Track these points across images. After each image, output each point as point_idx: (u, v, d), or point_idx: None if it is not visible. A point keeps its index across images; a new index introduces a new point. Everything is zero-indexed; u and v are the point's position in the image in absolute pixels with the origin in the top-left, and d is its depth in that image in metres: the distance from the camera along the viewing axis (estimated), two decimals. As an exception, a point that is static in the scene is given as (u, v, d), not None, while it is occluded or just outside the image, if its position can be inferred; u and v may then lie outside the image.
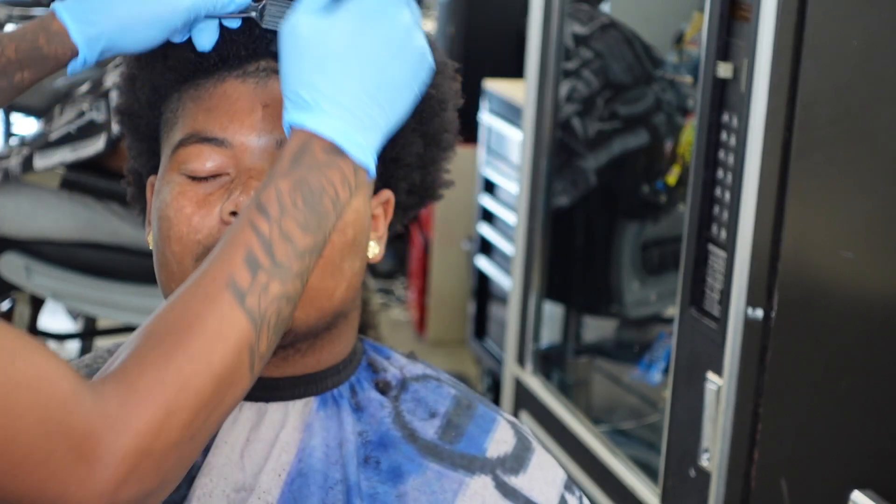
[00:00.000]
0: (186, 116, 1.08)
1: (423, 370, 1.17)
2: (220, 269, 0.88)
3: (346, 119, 0.94)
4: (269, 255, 0.89)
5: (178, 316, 0.87)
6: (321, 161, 0.93)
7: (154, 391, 0.83)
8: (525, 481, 1.12)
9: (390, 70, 0.96)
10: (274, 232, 0.89)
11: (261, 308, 0.88)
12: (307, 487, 1.06)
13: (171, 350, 0.84)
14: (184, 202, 1.05)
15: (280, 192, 0.91)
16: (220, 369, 0.85)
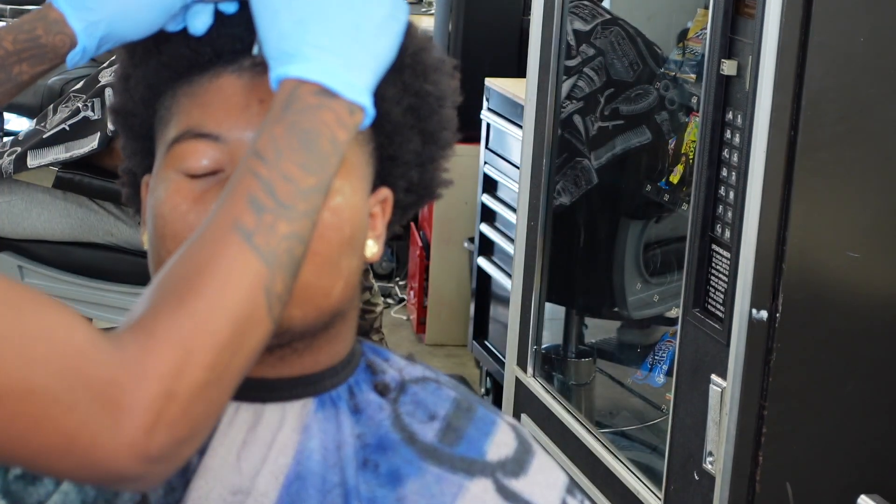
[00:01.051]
0: (181, 113, 1.07)
1: (422, 372, 1.16)
2: (224, 216, 0.88)
3: (330, 61, 0.94)
4: (272, 196, 0.89)
5: (187, 263, 0.87)
6: (312, 104, 0.93)
7: (170, 333, 0.82)
8: (526, 485, 1.11)
9: (367, 8, 0.97)
10: (273, 174, 0.89)
11: (270, 247, 0.88)
12: (305, 490, 1.06)
13: (184, 294, 0.84)
14: (179, 200, 1.05)
15: (274, 137, 0.91)
16: (235, 309, 0.85)
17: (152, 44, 1.09)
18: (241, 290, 0.86)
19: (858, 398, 1.98)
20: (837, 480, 1.99)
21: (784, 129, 1.88)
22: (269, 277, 0.87)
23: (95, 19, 1.02)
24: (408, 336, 4.44)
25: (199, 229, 0.89)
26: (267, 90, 1.04)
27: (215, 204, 0.91)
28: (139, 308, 0.86)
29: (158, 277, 0.88)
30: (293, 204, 0.89)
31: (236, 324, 0.85)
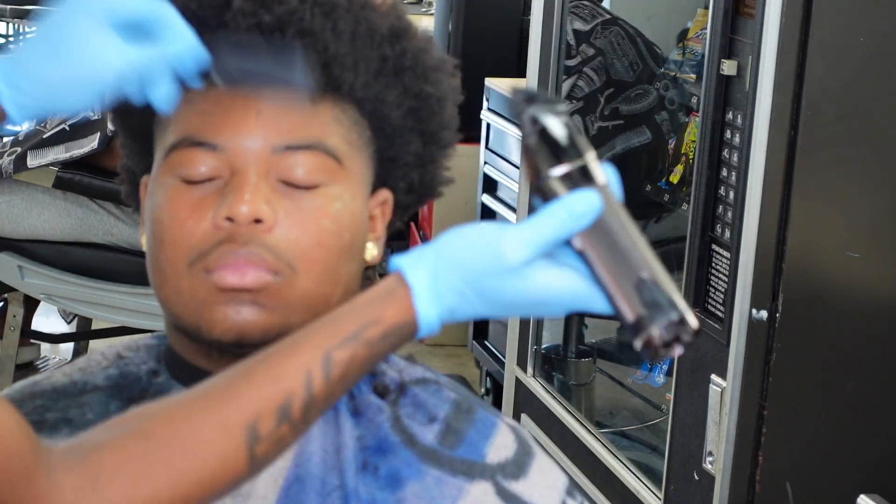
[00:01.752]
0: (179, 119, 1.07)
1: (422, 373, 1.16)
2: (250, 404, 0.87)
3: (447, 320, 0.92)
4: (304, 412, 0.88)
5: (185, 432, 0.85)
6: (401, 343, 0.92)
7: (118, 502, 0.81)
8: (526, 487, 1.11)
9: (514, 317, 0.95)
10: (321, 394, 0.89)
11: (265, 456, 0.88)
12: (304, 493, 1.06)
13: (160, 467, 0.83)
14: (177, 206, 1.05)
15: (354, 360, 0.89)
16: (196, 500, 0.85)
17: None
18: (214, 489, 0.85)
19: (858, 398, 1.98)
20: (837, 480, 1.98)
21: (784, 129, 1.88)
22: (246, 478, 0.87)
23: (25, 100, 0.97)
24: (408, 336, 4.44)
25: (221, 392, 0.87)
26: (264, 101, 1.05)
27: (263, 356, 0.89)
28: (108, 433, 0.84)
29: (150, 418, 0.86)
30: (312, 421, 0.90)
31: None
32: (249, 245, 1.02)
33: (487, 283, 0.90)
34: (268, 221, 1.02)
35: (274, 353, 0.90)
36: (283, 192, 1.04)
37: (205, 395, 0.87)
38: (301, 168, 1.05)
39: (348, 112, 1.09)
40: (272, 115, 1.05)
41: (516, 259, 0.89)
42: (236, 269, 1.02)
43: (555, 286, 0.90)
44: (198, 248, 1.03)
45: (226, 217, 1.02)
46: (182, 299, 1.05)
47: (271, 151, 1.04)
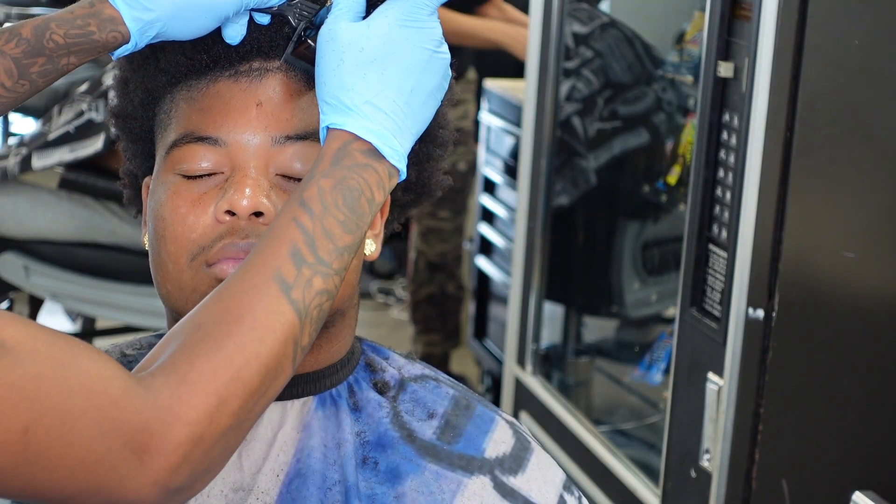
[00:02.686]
0: (180, 117, 1.08)
1: (421, 370, 1.17)
2: (266, 263, 0.91)
3: (383, 123, 0.97)
4: (313, 250, 0.92)
5: (225, 307, 0.89)
6: (360, 162, 0.96)
7: (206, 381, 0.85)
8: (524, 481, 1.12)
9: (422, 77, 0.99)
10: (317, 228, 0.93)
11: (305, 301, 0.91)
12: (306, 488, 1.07)
13: (222, 341, 0.87)
14: (179, 202, 1.06)
15: (322, 191, 0.94)
16: (268, 360, 0.88)
17: (149, 51, 1.10)
18: (276, 343, 0.89)
19: (854, 396, 1.98)
20: (833, 477, 1.99)
21: (780, 130, 1.88)
22: (300, 331, 0.91)
23: (151, 19, 1.03)
24: (408, 335, 4.44)
25: (240, 270, 0.91)
26: (264, 93, 1.06)
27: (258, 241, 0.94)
28: (172, 345, 0.88)
29: (194, 315, 0.90)
30: (330, 261, 0.93)
31: (267, 374, 0.88)
32: (250, 238, 1.03)
33: (355, 59, 0.98)
34: (268, 215, 1.03)
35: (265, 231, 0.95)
36: (282, 186, 1.06)
37: (226, 281, 0.91)
38: (300, 162, 1.06)
39: None
40: (272, 105, 1.06)
41: (345, 24, 0.99)
42: (237, 261, 1.03)
43: (383, 8, 1.00)
44: (199, 242, 1.04)
45: (226, 211, 1.03)
46: (184, 294, 1.06)
47: (272, 143, 1.05)
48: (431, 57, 1.00)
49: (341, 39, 0.98)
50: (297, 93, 1.07)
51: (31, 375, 0.79)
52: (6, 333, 0.80)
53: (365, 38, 0.98)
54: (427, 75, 0.99)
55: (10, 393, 0.78)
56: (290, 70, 1.07)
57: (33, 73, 1.02)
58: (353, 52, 0.98)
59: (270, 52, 1.07)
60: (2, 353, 0.78)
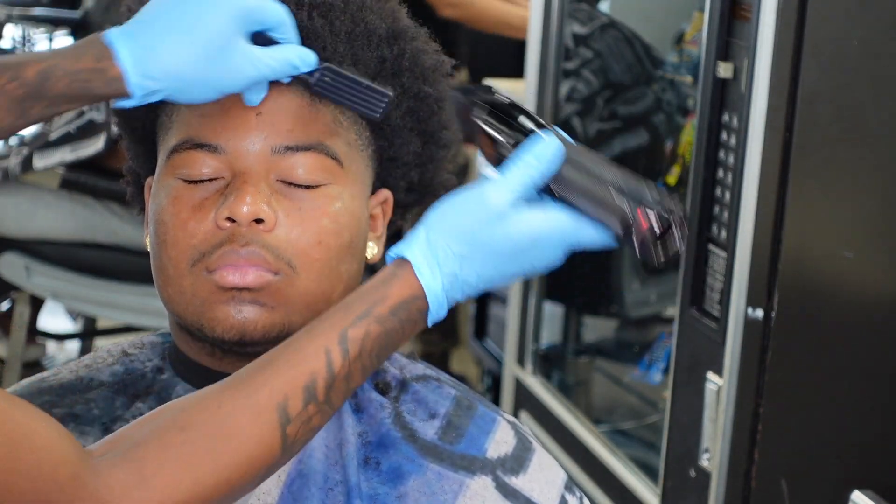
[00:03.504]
0: (181, 121, 1.08)
1: (422, 370, 1.17)
2: (278, 386, 0.90)
3: (453, 297, 0.96)
4: (327, 391, 0.91)
5: (219, 419, 0.88)
6: (413, 319, 0.95)
7: (166, 491, 0.84)
8: (525, 482, 1.12)
9: (505, 279, 0.98)
10: (342, 372, 0.92)
11: (296, 436, 0.91)
12: (307, 489, 1.07)
13: (200, 455, 0.86)
14: (179, 207, 1.06)
15: (367, 337, 0.93)
16: (237, 486, 0.88)
17: None
18: (252, 472, 0.88)
19: (853, 395, 1.98)
20: (832, 477, 1.99)
21: (779, 130, 1.88)
22: (279, 461, 0.90)
23: (155, 89, 1.00)
24: (408, 335, 4.44)
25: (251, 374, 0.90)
26: (265, 103, 1.06)
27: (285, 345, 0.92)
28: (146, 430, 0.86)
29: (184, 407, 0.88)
30: (337, 404, 0.93)
31: (229, 497, 0.88)
32: (250, 245, 1.03)
33: (480, 236, 0.95)
34: (268, 221, 1.04)
35: (293, 340, 0.93)
36: (283, 193, 1.06)
37: (233, 384, 0.90)
38: (301, 168, 1.06)
39: (347, 113, 1.09)
40: (272, 116, 1.06)
41: (501, 202, 0.95)
42: (237, 268, 1.03)
43: (542, 222, 0.96)
44: (200, 248, 1.04)
45: (227, 217, 1.03)
46: (184, 299, 1.06)
47: (271, 152, 1.05)
48: (532, 273, 0.99)
49: (488, 213, 0.96)
50: (298, 106, 1.07)
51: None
52: None
53: (505, 232, 0.96)
54: (525, 273, 0.98)
55: None
56: (293, 84, 1.07)
57: (33, 114, 1.01)
58: (485, 233, 0.95)
59: None
60: None
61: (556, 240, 0.97)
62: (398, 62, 1.11)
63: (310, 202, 1.06)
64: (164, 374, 1.13)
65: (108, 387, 1.12)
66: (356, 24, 1.09)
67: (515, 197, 0.96)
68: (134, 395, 1.12)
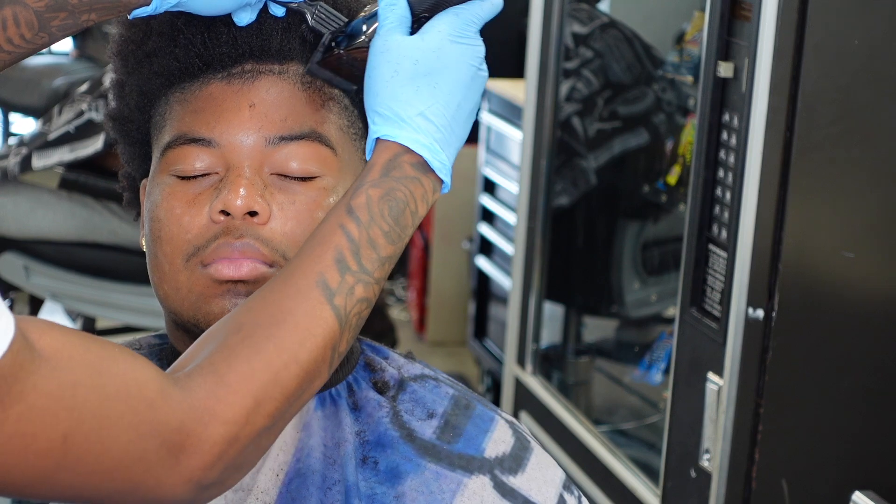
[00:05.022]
0: (174, 119, 1.09)
1: (421, 370, 1.17)
2: (310, 267, 0.93)
3: (434, 136, 0.99)
4: (357, 258, 0.94)
5: (268, 310, 0.90)
6: (409, 175, 0.98)
7: (244, 383, 0.86)
8: (523, 481, 1.12)
9: (468, 93, 1.02)
10: (362, 237, 0.95)
11: (346, 308, 0.92)
12: (305, 488, 1.07)
13: (262, 343, 0.88)
14: (174, 202, 1.06)
15: (370, 200, 0.96)
16: (307, 364, 0.90)
17: (143, 55, 1.10)
18: (316, 347, 0.90)
19: (853, 395, 1.98)
20: (832, 477, 1.99)
21: (780, 130, 1.88)
22: (339, 336, 0.92)
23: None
24: (409, 335, 4.45)
25: (284, 272, 0.93)
26: (257, 95, 1.07)
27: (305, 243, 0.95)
28: (211, 344, 0.89)
29: (235, 314, 0.91)
30: (372, 270, 0.95)
31: (305, 378, 0.90)
32: (244, 237, 1.04)
33: (405, 74, 0.99)
34: (262, 214, 1.04)
35: (311, 234, 0.97)
36: (277, 185, 1.06)
37: (270, 283, 0.93)
38: (295, 160, 1.06)
39: (338, 99, 1.10)
40: (265, 106, 1.06)
41: (398, 37, 1.00)
42: (232, 261, 1.04)
43: (433, 23, 1.02)
44: (194, 242, 1.05)
45: (221, 211, 1.04)
46: (180, 294, 1.06)
47: (265, 144, 1.06)
48: (476, 73, 1.02)
49: (396, 52, 0.99)
50: (291, 94, 1.07)
51: (69, 383, 0.80)
52: (43, 342, 0.79)
53: (419, 51, 0.99)
54: (472, 91, 1.02)
55: (49, 402, 0.79)
56: (284, 73, 1.08)
57: (54, 26, 1.03)
58: (408, 64, 0.99)
59: (262, 56, 1.08)
60: (40, 363, 0.78)
61: (459, 24, 1.02)
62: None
63: (304, 194, 1.06)
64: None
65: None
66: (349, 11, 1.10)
67: (404, 32, 1.01)
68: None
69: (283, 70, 1.08)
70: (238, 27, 1.07)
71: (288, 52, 1.08)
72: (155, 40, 1.09)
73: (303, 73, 1.08)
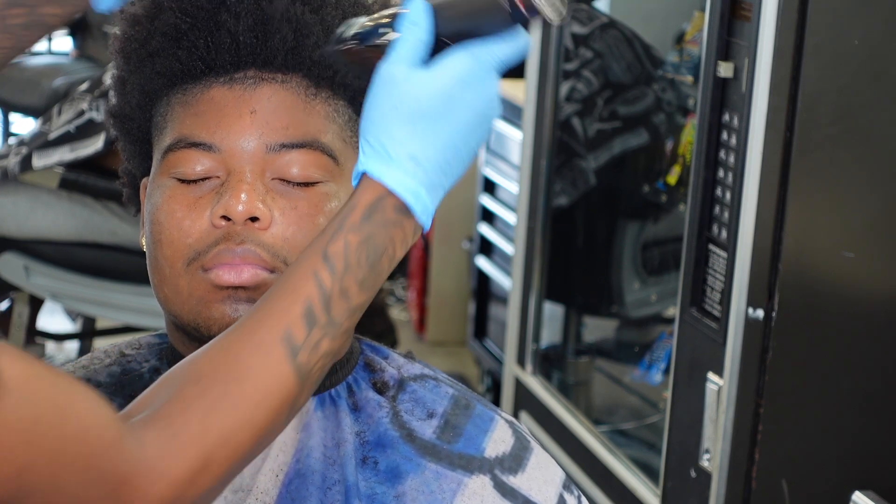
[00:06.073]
0: (175, 121, 1.08)
1: (420, 370, 1.17)
2: (278, 319, 0.90)
3: (421, 180, 0.94)
4: (327, 311, 0.91)
5: (228, 362, 0.88)
6: (391, 220, 0.93)
7: (194, 443, 0.85)
8: (523, 481, 1.12)
9: (470, 138, 0.96)
10: (335, 287, 0.91)
11: (309, 364, 0.90)
12: (305, 488, 1.06)
13: (218, 401, 0.86)
14: (174, 206, 1.06)
15: (348, 246, 0.92)
16: (262, 425, 0.88)
17: (146, 54, 1.10)
18: (273, 408, 0.88)
19: (853, 396, 1.98)
20: (832, 477, 1.99)
21: (780, 130, 1.89)
22: (299, 393, 0.90)
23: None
24: (409, 335, 4.45)
25: (250, 319, 0.90)
26: (258, 101, 1.06)
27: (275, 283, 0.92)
28: (166, 391, 0.87)
29: (195, 361, 0.89)
30: (340, 323, 0.91)
31: (258, 439, 0.88)
32: (245, 243, 1.03)
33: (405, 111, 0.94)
34: (264, 220, 1.03)
35: (282, 275, 0.94)
36: (278, 191, 1.05)
37: (236, 329, 0.90)
38: (296, 166, 1.05)
39: (342, 110, 1.10)
40: (267, 113, 1.06)
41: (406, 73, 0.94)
42: (232, 267, 1.03)
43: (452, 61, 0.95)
44: (195, 247, 1.04)
45: (222, 216, 1.03)
46: (180, 298, 1.06)
47: (266, 150, 1.05)
48: (482, 120, 0.96)
49: (400, 86, 0.94)
50: (293, 104, 1.07)
51: (31, 418, 0.79)
52: (11, 372, 0.79)
53: (424, 90, 0.93)
54: (475, 135, 0.96)
55: (9, 435, 0.78)
56: (287, 82, 1.07)
57: (15, 25, 1.00)
58: (410, 101, 0.93)
59: (265, 64, 1.07)
60: (3, 393, 0.78)
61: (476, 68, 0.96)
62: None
63: (305, 200, 1.06)
64: (161, 375, 1.13)
65: (105, 388, 1.12)
66: (347, 18, 1.09)
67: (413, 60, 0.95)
68: (131, 396, 1.10)
69: (286, 80, 1.07)
70: (242, 34, 1.07)
71: (292, 65, 1.08)
72: (158, 40, 1.09)
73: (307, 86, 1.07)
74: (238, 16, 1.07)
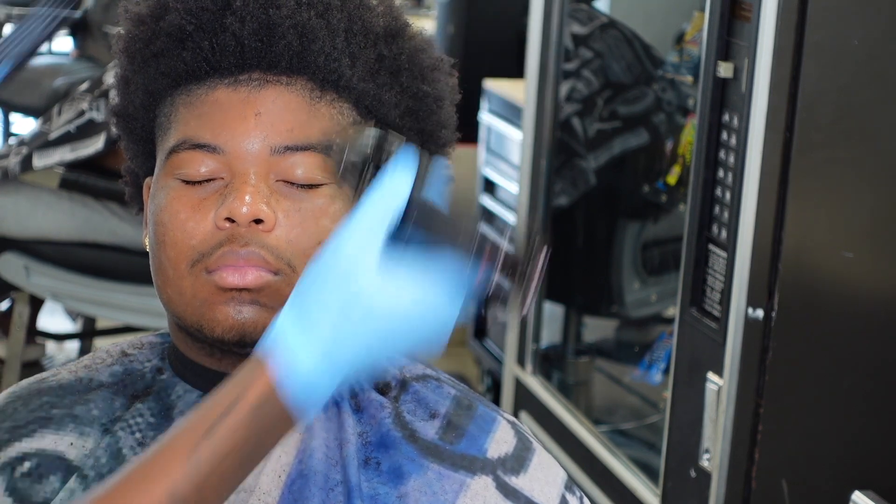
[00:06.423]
0: (179, 122, 1.08)
1: (422, 370, 1.17)
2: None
3: (328, 387, 0.90)
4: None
5: None
6: (278, 417, 0.90)
7: None
8: (526, 481, 1.12)
9: (409, 347, 0.92)
10: (204, 484, 0.89)
11: None
12: (308, 489, 1.06)
13: None
14: (178, 207, 1.06)
15: (217, 453, 0.89)
16: None
17: (150, 54, 1.10)
18: None
19: (853, 395, 1.98)
20: (832, 477, 1.99)
21: (780, 130, 1.89)
22: None
23: None
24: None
25: (129, 476, 0.89)
26: (263, 103, 1.06)
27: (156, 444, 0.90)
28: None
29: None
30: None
31: None
32: (249, 245, 1.03)
33: (358, 316, 0.89)
34: (268, 222, 1.03)
35: (143, 460, 0.90)
36: (282, 193, 1.05)
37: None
38: (301, 168, 1.05)
39: (346, 113, 1.09)
40: (271, 116, 1.05)
41: (370, 277, 0.90)
42: (236, 269, 1.03)
43: (409, 278, 0.91)
44: (199, 248, 1.04)
45: (226, 218, 1.03)
46: (184, 300, 1.05)
47: (271, 152, 1.05)
48: (428, 342, 0.92)
49: (356, 282, 0.89)
50: (297, 107, 1.07)
51: None
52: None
53: (380, 301, 0.89)
54: (418, 346, 0.92)
55: None
56: (292, 84, 1.07)
57: None
58: (358, 305, 0.89)
59: (270, 67, 1.07)
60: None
61: (435, 294, 0.91)
62: (396, 61, 1.11)
63: (309, 202, 1.06)
64: (163, 375, 1.13)
65: (107, 387, 1.12)
66: (353, 22, 1.09)
67: (372, 246, 0.91)
68: (133, 396, 1.11)
69: (290, 82, 1.07)
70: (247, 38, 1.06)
71: (297, 68, 1.08)
72: (163, 41, 1.09)
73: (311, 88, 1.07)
74: (243, 20, 1.07)
